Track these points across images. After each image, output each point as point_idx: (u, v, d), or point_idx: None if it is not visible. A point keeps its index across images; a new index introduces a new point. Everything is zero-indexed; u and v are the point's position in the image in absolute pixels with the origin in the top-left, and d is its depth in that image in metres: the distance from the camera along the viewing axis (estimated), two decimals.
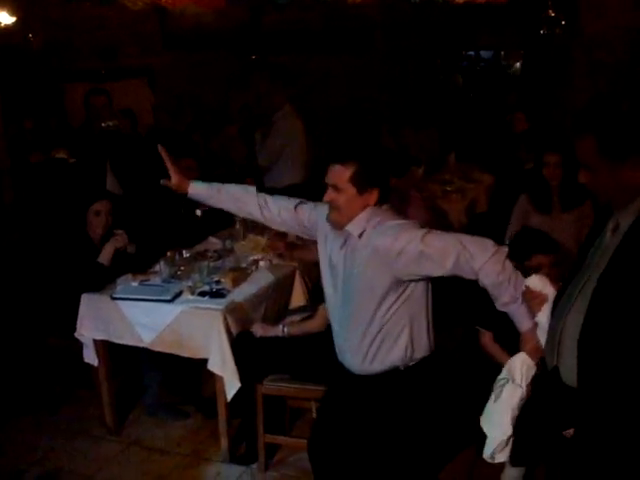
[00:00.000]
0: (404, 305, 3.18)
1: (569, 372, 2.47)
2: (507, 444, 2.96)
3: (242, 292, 4.29)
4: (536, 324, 2.81)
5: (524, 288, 2.85)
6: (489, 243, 3.02)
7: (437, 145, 8.09)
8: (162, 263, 4.57)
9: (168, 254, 4.67)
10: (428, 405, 3.48)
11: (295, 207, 3.53)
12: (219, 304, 4.10)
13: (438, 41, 10.23)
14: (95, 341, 4.42)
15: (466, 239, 3.03)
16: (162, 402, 4.72)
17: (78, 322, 4.39)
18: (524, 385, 2.90)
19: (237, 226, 5.20)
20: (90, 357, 4.46)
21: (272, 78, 7.31)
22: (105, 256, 4.60)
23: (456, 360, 4.36)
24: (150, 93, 9.77)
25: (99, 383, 4.55)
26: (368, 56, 9.35)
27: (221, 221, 5.34)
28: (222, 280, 4.36)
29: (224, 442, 4.27)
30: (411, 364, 3.26)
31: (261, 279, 4.51)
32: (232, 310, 4.09)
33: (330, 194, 3.17)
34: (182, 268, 4.52)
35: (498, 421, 2.95)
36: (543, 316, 2.74)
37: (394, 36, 9.79)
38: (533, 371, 2.89)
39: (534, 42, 9.20)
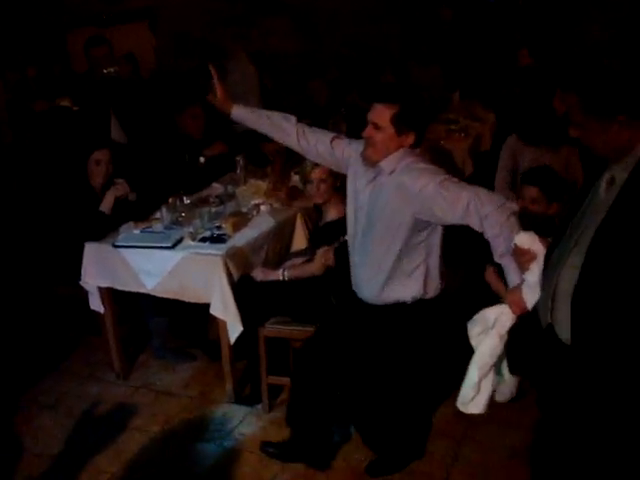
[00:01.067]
0: (420, 246, 3.35)
1: (563, 328, 2.48)
2: (477, 393, 2.93)
3: (243, 237, 4.34)
4: (523, 280, 2.82)
5: (512, 245, 2.85)
6: (501, 197, 3.20)
7: (441, 82, 7.98)
8: (164, 210, 4.61)
9: (170, 200, 4.71)
10: (430, 340, 3.65)
11: (331, 141, 3.60)
12: (220, 249, 4.15)
13: None
14: (100, 288, 4.50)
15: (480, 190, 3.18)
16: (168, 346, 4.81)
17: (82, 270, 4.46)
18: (498, 334, 2.86)
19: (238, 171, 5.23)
20: (96, 304, 4.54)
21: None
22: (106, 205, 4.65)
23: (459, 301, 4.41)
24: (151, 36, 9.68)
25: (106, 329, 4.63)
26: None
27: (224, 168, 5.36)
28: (223, 225, 4.41)
29: (229, 384, 4.37)
30: (419, 301, 3.43)
31: (262, 223, 4.55)
32: (233, 255, 4.15)
33: (370, 130, 3.27)
34: (183, 214, 4.56)
35: (470, 370, 2.94)
36: (531, 274, 2.74)
37: None
38: (510, 323, 2.86)
39: None
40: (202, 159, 5.27)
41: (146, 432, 4.19)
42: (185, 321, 4.78)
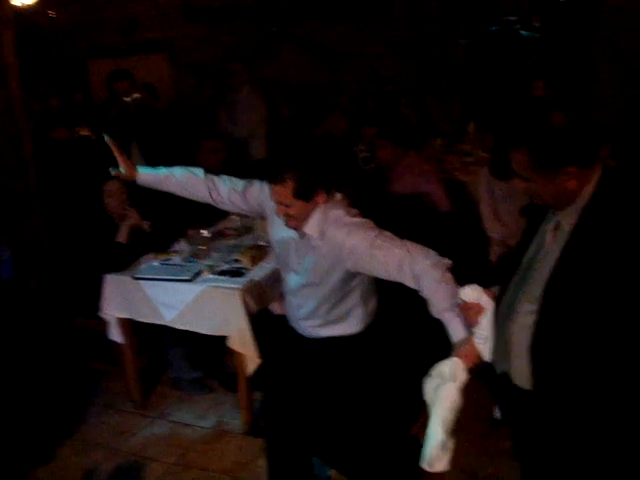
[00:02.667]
0: (355, 290, 3.40)
1: (521, 375, 2.52)
2: (444, 449, 2.77)
3: (261, 270, 4.39)
4: (471, 333, 2.80)
5: (459, 301, 2.82)
6: (433, 252, 3.13)
7: (459, 115, 8.07)
8: (183, 242, 4.69)
9: (188, 232, 4.77)
10: (375, 367, 3.63)
11: (244, 190, 3.58)
12: (238, 283, 4.20)
13: (460, 7, 10.14)
14: (119, 319, 4.55)
15: (412, 245, 3.14)
16: (185, 377, 4.85)
17: (102, 302, 4.52)
18: (457, 388, 2.77)
19: None
20: (115, 335, 4.59)
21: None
22: (122, 235, 4.72)
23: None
24: (171, 67, 9.85)
25: (124, 359, 4.68)
26: (389, 24, 9.30)
27: None
28: (241, 259, 4.46)
29: (245, 415, 4.40)
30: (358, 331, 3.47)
31: None
32: (251, 289, 4.20)
33: (281, 210, 3.23)
34: (202, 247, 4.61)
35: (432, 427, 2.80)
36: (481, 327, 2.72)
37: (414, 2, 9.72)
38: (465, 376, 2.78)
39: (553, 8, 9.10)
40: None
41: (163, 463, 4.22)
42: (202, 352, 4.82)
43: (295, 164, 3.17)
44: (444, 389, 2.78)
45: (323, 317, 3.43)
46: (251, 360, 4.18)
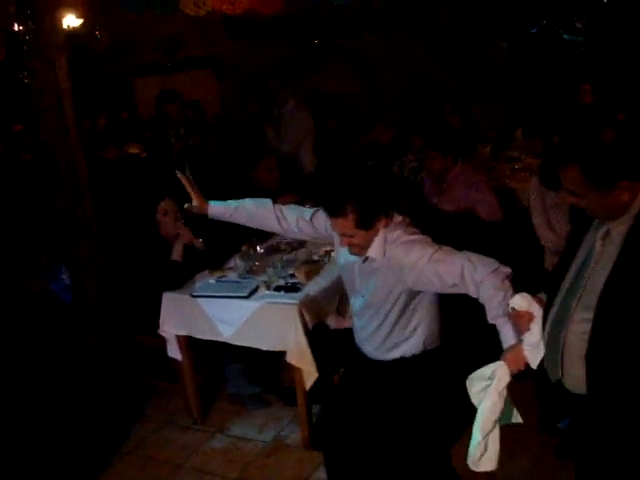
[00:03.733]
0: (416, 310, 3.44)
1: (576, 382, 2.54)
2: (485, 451, 2.86)
3: (316, 285, 4.42)
4: (520, 341, 2.83)
5: (509, 310, 2.86)
6: (493, 260, 3.18)
7: (504, 120, 8.04)
8: (237, 259, 4.74)
9: (243, 249, 4.82)
10: (434, 390, 3.65)
11: (311, 217, 3.65)
12: (294, 299, 4.24)
13: (500, 11, 10.12)
14: (178, 337, 4.63)
15: (473, 255, 3.20)
16: (244, 392, 4.90)
17: (161, 320, 4.59)
18: (496, 391, 2.82)
19: None
20: (174, 352, 4.66)
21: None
22: (176, 253, 4.78)
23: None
24: (217, 83, 9.94)
25: (183, 376, 4.75)
26: (431, 32, 9.31)
27: None
28: (296, 274, 4.50)
29: (304, 429, 4.43)
30: (420, 354, 3.50)
31: (334, 271, 4.59)
32: (307, 304, 4.23)
33: (345, 240, 3.30)
34: (257, 263, 4.66)
35: (474, 428, 2.89)
36: (531, 334, 2.75)
37: (455, 8, 9.71)
38: (507, 380, 2.82)
39: (597, 10, 9.03)
40: None
41: (224, 477, 4.28)
42: (260, 367, 4.87)
43: (353, 195, 3.20)
44: (485, 393, 2.85)
45: (385, 338, 3.48)
46: (309, 374, 4.21)
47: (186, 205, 3.73)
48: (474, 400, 2.89)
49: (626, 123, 2.39)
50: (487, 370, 2.85)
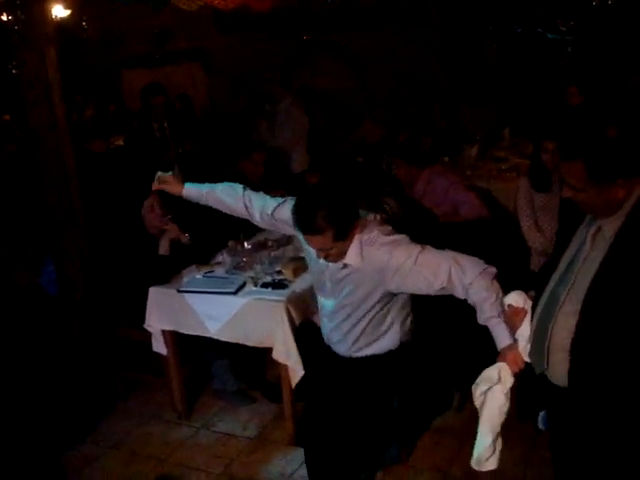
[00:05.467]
0: (393, 306, 3.41)
1: (559, 374, 2.61)
2: (493, 453, 2.93)
3: (303, 282, 4.40)
4: (515, 340, 2.89)
5: (505, 307, 2.93)
6: (479, 260, 3.15)
7: (493, 120, 8.05)
8: (225, 254, 4.73)
9: (230, 244, 4.81)
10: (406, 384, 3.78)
11: (273, 212, 3.54)
12: (281, 295, 4.24)
13: (491, 11, 10.11)
14: (163, 331, 4.61)
15: (458, 256, 3.16)
16: (229, 388, 4.90)
17: (147, 314, 4.58)
18: (502, 392, 2.88)
19: None
20: (159, 347, 4.65)
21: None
22: (163, 248, 4.76)
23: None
24: (205, 76, 9.91)
25: (168, 371, 4.74)
26: (422, 30, 9.29)
27: None
28: (283, 271, 4.49)
29: (289, 426, 4.43)
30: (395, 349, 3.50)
31: None
32: (294, 301, 4.23)
33: (322, 254, 3.21)
34: (244, 259, 4.65)
35: (481, 430, 2.95)
36: (523, 329, 2.83)
37: (448, 7, 9.71)
38: (512, 380, 2.89)
39: (586, 13, 9.05)
40: None
41: (209, 473, 4.28)
42: (245, 364, 4.87)
43: (327, 211, 3.05)
44: (492, 393, 2.89)
45: (357, 339, 3.46)
46: (295, 371, 4.21)
47: (159, 173, 3.67)
48: (476, 403, 2.94)
49: (621, 130, 2.46)
50: (493, 373, 2.89)
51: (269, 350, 4.30)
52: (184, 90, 8.85)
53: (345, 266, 3.26)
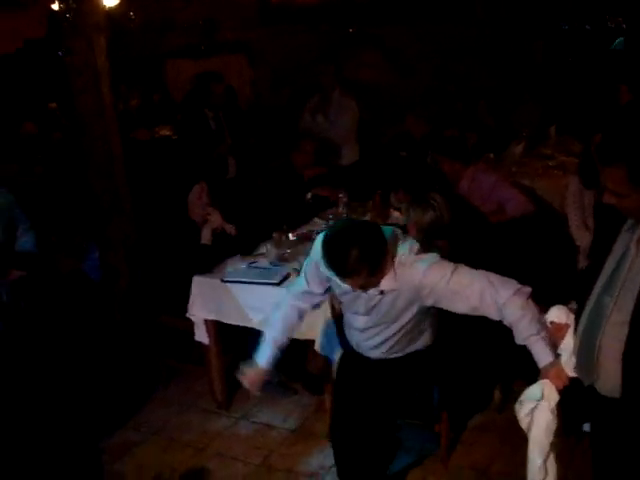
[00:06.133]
0: (426, 315, 3.42)
1: (611, 385, 2.54)
2: (545, 475, 2.89)
3: None
4: (558, 355, 2.86)
5: (548, 323, 2.90)
6: (513, 281, 3.11)
7: (538, 118, 7.94)
8: (269, 245, 4.72)
9: (274, 236, 4.80)
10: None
11: (306, 288, 3.54)
12: None
13: (538, 8, 10.00)
14: (206, 320, 4.62)
15: (492, 275, 3.12)
16: (270, 379, 4.88)
17: (190, 303, 4.59)
18: (549, 408, 2.85)
19: (340, 208, 5.30)
20: (201, 336, 4.66)
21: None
22: (205, 237, 4.76)
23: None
24: (249, 68, 9.91)
25: (209, 360, 4.75)
26: (467, 26, 9.21)
27: (328, 203, 5.46)
28: None
29: (329, 419, 4.39)
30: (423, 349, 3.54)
31: None
32: None
33: (358, 288, 3.17)
34: (288, 250, 4.64)
35: (530, 452, 2.91)
36: (567, 344, 2.79)
37: (495, 4, 9.62)
38: (557, 397, 2.85)
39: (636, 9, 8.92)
40: (309, 195, 5.37)
41: (247, 463, 4.29)
42: (287, 355, 4.85)
43: (362, 254, 2.99)
44: (538, 412, 2.85)
45: (391, 347, 3.47)
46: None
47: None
48: (522, 424, 2.91)
49: None
50: (536, 391, 2.86)
51: (311, 342, 4.28)
52: (228, 82, 8.85)
53: (382, 292, 3.23)
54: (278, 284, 4.33)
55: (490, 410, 4.58)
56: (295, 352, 4.77)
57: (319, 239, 3.27)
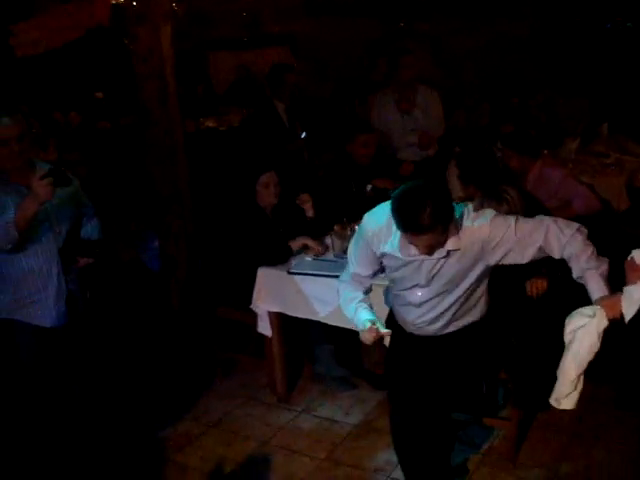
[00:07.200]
0: (482, 282, 3.37)
1: None
2: (574, 389, 2.95)
3: None
4: (621, 291, 2.86)
5: (629, 258, 2.89)
6: (573, 222, 3.18)
7: (588, 115, 7.86)
8: (333, 237, 4.66)
9: (335, 228, 4.74)
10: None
11: (369, 267, 3.51)
12: None
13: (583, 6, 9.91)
14: (269, 313, 4.57)
15: (551, 217, 3.19)
16: (333, 373, 4.84)
17: (254, 294, 4.54)
18: (597, 332, 2.86)
19: None
20: (264, 328, 4.61)
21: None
22: (296, 245, 4.67)
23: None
24: (293, 60, 9.86)
25: (271, 353, 4.70)
26: (517, 23, 9.13)
27: (388, 196, 5.39)
28: None
29: None
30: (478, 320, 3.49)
31: None
32: None
33: (427, 249, 3.09)
34: None
35: (565, 365, 2.95)
36: (636, 289, 2.80)
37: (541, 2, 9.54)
38: (605, 324, 2.86)
39: None
40: (369, 187, 5.30)
41: (313, 458, 4.23)
42: (350, 349, 4.81)
43: (440, 215, 2.96)
44: (585, 329, 2.88)
45: (449, 320, 3.41)
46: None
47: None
48: (566, 338, 2.93)
49: None
50: (588, 310, 2.89)
51: None
52: None
53: (447, 254, 3.17)
54: None
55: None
56: (357, 347, 4.75)
57: (369, 218, 3.38)
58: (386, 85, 6.73)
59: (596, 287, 2.99)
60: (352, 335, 4.34)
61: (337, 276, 4.23)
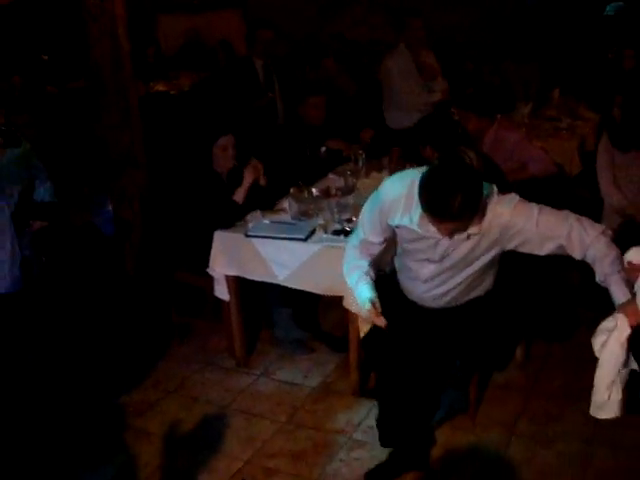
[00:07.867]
0: (494, 263, 3.40)
1: None
2: (608, 398, 2.92)
3: None
4: (633, 295, 2.87)
5: (625, 264, 2.93)
6: (598, 224, 3.14)
7: (538, 79, 7.90)
8: (290, 201, 4.62)
9: (292, 191, 4.71)
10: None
11: (362, 242, 3.56)
12: None
13: None
14: (227, 277, 4.53)
15: (576, 215, 3.13)
16: (291, 336, 4.83)
17: (211, 258, 4.48)
18: (618, 342, 2.86)
19: (360, 164, 5.22)
20: (222, 292, 4.57)
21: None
22: (239, 195, 4.61)
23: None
24: (243, 24, 9.70)
25: (229, 317, 4.67)
26: None
27: (342, 159, 5.38)
28: (354, 218, 4.39)
29: (355, 376, 4.37)
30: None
31: None
32: None
33: (450, 233, 3.10)
34: (312, 206, 4.56)
35: (596, 379, 2.95)
36: None
37: None
38: (628, 332, 2.85)
39: None
40: (323, 149, 5.27)
41: (274, 421, 4.22)
42: (307, 312, 4.80)
43: (470, 205, 2.96)
44: (608, 343, 2.88)
45: (455, 296, 3.45)
46: (364, 321, 4.13)
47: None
48: (597, 354, 2.92)
49: None
50: (610, 323, 2.88)
51: (321, 298, 4.35)
52: (223, 38, 8.70)
53: (468, 237, 3.18)
54: (304, 239, 4.24)
55: (512, 368, 4.57)
56: (315, 310, 4.75)
57: (390, 185, 3.32)
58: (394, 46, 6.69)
59: (618, 291, 2.96)
60: (310, 298, 4.37)
61: (297, 239, 4.26)
